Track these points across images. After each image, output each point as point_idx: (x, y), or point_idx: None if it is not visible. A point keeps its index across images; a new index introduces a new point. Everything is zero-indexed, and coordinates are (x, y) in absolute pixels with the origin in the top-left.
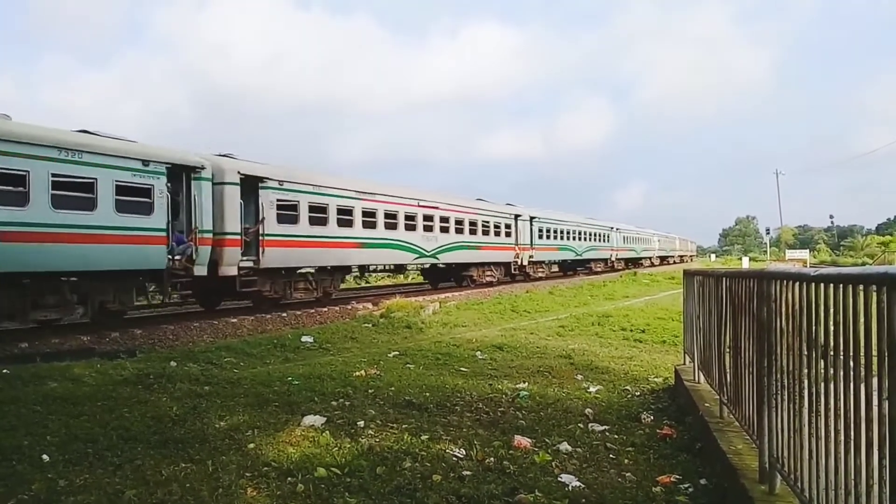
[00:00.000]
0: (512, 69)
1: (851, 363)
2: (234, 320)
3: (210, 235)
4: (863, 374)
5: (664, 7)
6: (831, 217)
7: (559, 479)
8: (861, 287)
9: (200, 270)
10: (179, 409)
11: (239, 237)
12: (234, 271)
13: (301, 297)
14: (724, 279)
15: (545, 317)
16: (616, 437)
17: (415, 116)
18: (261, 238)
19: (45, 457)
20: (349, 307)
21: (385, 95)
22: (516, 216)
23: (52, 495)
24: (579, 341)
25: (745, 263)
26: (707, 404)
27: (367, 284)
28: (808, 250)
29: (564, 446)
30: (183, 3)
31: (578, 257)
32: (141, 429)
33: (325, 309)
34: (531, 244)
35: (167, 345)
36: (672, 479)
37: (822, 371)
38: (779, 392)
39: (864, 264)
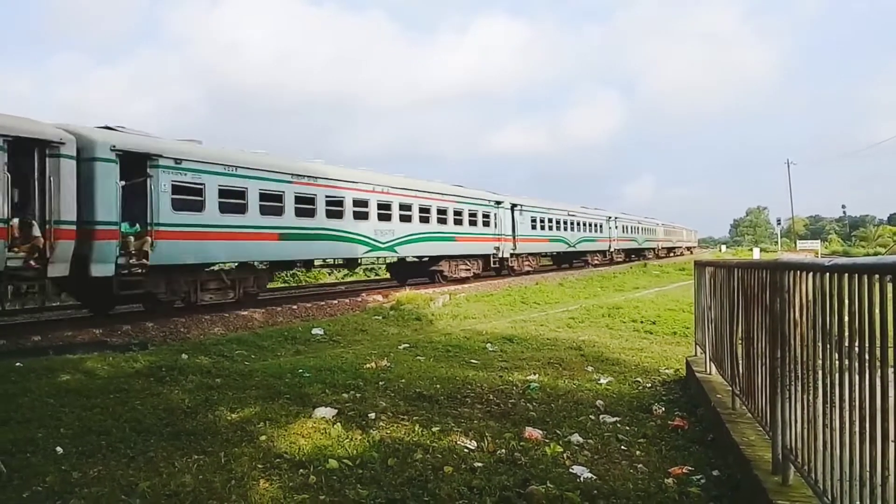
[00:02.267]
0: (520, 64)
1: (866, 354)
2: (245, 313)
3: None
4: (878, 364)
5: (669, 3)
6: (843, 207)
7: (571, 470)
8: (876, 277)
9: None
10: (191, 402)
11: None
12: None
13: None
14: (735, 270)
15: (555, 308)
16: (627, 428)
17: (423, 111)
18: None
19: (58, 449)
20: (359, 299)
21: (395, 90)
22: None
23: (66, 487)
24: (590, 333)
25: (757, 254)
26: (719, 395)
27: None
28: (819, 241)
29: (576, 438)
30: (196, 2)
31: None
32: (153, 421)
33: (336, 301)
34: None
35: (179, 337)
36: (684, 470)
37: (836, 362)
38: (792, 383)
39: (876, 254)
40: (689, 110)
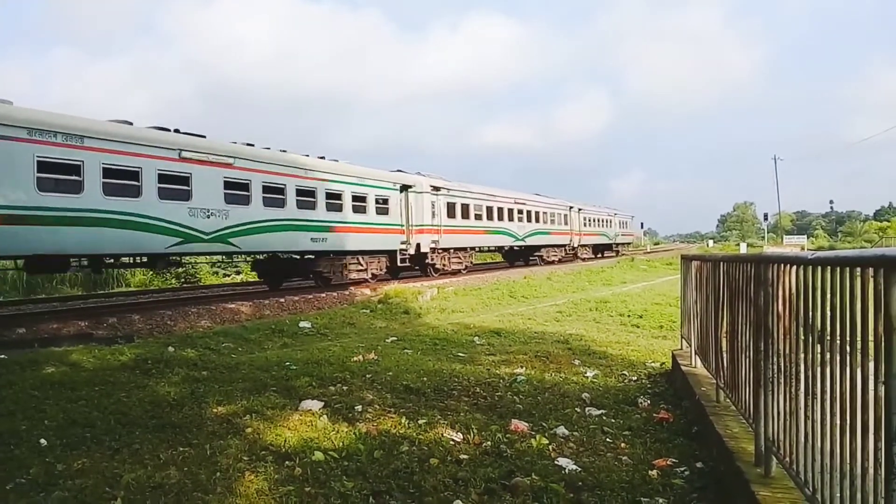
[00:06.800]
0: (510, 62)
1: (847, 346)
2: (233, 306)
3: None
4: (859, 357)
5: (657, 4)
6: (831, 203)
7: (556, 462)
8: (858, 270)
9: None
10: (177, 394)
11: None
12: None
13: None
14: (721, 263)
15: (543, 302)
16: (613, 421)
17: (415, 107)
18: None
19: (42, 441)
20: (347, 293)
21: (387, 87)
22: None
23: (51, 479)
24: (577, 326)
25: (744, 249)
26: (704, 388)
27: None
28: (805, 236)
29: (561, 430)
30: None
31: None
32: (139, 413)
33: (324, 295)
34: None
35: (165, 330)
36: (668, 462)
37: (819, 355)
38: (775, 376)
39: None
40: (677, 107)
